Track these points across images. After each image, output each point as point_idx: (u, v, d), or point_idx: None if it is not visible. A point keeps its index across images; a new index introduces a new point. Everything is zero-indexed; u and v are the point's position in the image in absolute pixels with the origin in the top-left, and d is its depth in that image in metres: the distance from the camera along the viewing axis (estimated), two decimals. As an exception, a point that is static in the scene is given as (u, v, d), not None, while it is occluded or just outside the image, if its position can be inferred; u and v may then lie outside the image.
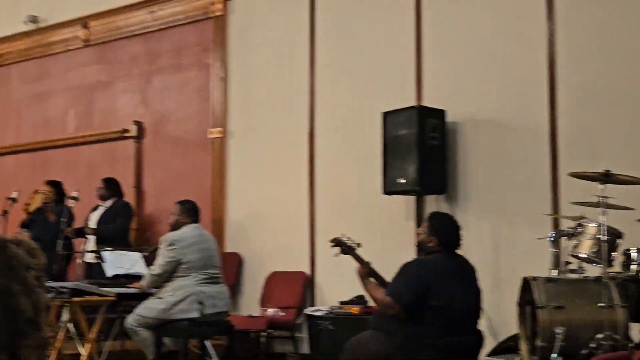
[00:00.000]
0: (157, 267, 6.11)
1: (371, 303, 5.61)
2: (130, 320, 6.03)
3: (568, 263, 5.06)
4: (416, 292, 4.54)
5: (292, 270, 7.50)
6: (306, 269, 7.46)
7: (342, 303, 6.56)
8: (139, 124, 8.81)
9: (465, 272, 4.80)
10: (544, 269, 5.26)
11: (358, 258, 4.90)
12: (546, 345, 4.46)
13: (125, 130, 8.87)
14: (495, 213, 6.47)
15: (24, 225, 8.54)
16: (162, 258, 6.10)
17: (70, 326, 6.22)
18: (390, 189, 6.62)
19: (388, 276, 4.78)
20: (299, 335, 7.33)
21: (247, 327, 7.21)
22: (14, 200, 8.19)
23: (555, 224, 5.95)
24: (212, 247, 6.34)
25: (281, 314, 7.29)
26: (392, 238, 6.83)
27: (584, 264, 4.98)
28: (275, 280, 7.56)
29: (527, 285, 4.81)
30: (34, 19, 9.85)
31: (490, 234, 6.45)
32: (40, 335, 0.79)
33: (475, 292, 4.79)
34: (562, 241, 5.24)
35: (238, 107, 8.09)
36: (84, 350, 5.79)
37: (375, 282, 4.83)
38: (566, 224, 5.28)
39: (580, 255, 4.96)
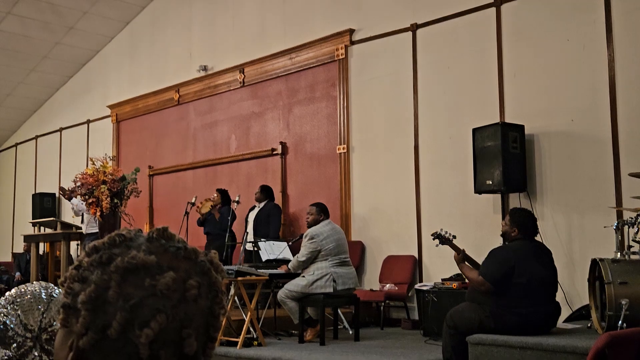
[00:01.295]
0: (302, 256, 6.17)
1: (467, 280, 5.53)
2: (281, 293, 6.16)
3: (630, 247, 4.84)
4: (502, 271, 4.47)
5: (404, 254, 7.48)
6: (414, 253, 7.42)
7: (444, 280, 6.49)
8: (283, 144, 8.99)
9: (543, 255, 4.68)
10: (609, 252, 5.06)
11: (454, 247, 4.85)
12: (613, 314, 4.30)
13: (274, 149, 9.07)
14: (568, 206, 6.25)
15: (199, 222, 8.80)
16: (306, 249, 6.15)
17: (236, 298, 6.44)
18: (480, 189, 6.51)
19: (479, 259, 4.71)
20: (410, 305, 7.30)
21: (369, 299, 7.25)
22: (193, 204, 8.53)
23: (619, 215, 5.69)
24: (342, 237, 6.36)
25: (395, 288, 7.28)
26: (482, 228, 6.71)
27: (644, 248, 4.76)
28: (390, 262, 7.56)
29: (595, 265, 4.67)
30: (204, 68, 10.21)
31: (564, 223, 6.24)
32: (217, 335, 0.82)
33: (552, 271, 4.67)
34: (625, 229, 5.01)
35: (358, 128, 8.14)
36: (246, 316, 5.95)
37: (469, 265, 4.77)
38: (628, 215, 5.04)
39: (640, 240, 4.74)
